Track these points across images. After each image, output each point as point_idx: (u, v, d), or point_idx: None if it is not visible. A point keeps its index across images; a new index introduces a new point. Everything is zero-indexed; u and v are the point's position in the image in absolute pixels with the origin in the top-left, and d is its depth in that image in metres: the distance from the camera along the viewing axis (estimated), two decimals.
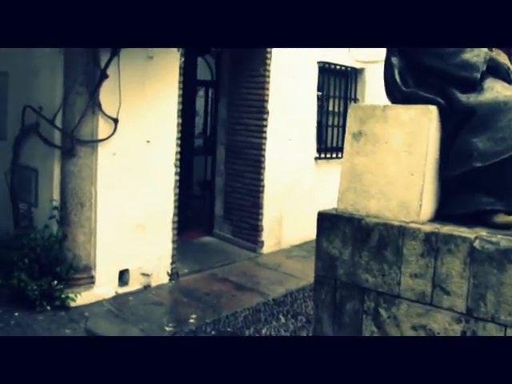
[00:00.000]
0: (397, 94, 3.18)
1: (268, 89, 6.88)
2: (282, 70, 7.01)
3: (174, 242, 5.92)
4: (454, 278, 2.74)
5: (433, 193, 3.02)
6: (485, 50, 3.03)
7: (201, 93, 8.55)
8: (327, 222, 3.23)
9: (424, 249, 2.84)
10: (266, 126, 6.93)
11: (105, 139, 5.16)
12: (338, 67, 8.14)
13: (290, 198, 7.39)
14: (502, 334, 2.61)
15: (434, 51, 3.01)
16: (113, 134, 5.19)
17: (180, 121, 5.79)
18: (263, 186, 7.02)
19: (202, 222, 7.68)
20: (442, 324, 2.79)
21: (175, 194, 5.86)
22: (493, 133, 2.82)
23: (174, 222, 5.89)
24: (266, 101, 6.91)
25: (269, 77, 6.86)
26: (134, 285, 5.61)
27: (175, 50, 5.43)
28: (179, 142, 5.82)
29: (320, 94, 7.95)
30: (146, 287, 5.71)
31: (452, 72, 2.97)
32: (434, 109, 2.97)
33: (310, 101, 7.68)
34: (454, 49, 2.99)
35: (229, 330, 4.91)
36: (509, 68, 3.10)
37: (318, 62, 7.72)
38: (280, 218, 7.36)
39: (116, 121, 5.19)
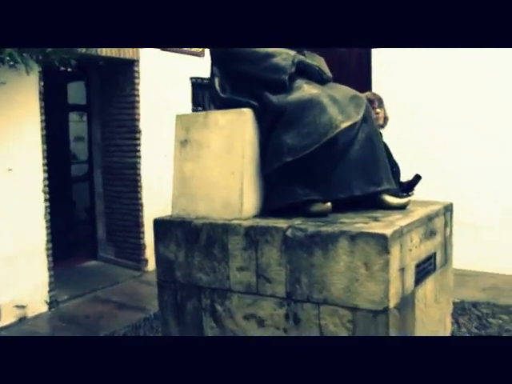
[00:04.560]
0: (217, 101, 3.36)
1: (138, 108, 6.96)
2: (153, 87, 7.10)
3: (50, 269, 5.85)
4: (273, 267, 2.93)
5: (255, 190, 3.20)
6: (293, 52, 3.26)
7: (77, 117, 8.54)
8: (162, 227, 3.36)
9: (245, 243, 3.01)
10: (139, 145, 7.01)
11: None
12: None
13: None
14: (316, 312, 2.81)
15: (245, 57, 3.21)
16: None
17: (45, 147, 5.76)
18: (142, 205, 7.08)
19: (87, 246, 7.64)
20: (268, 310, 2.97)
21: (47, 221, 5.80)
22: (300, 129, 3.05)
23: (48, 250, 5.82)
24: (138, 120, 6.99)
25: (138, 95, 6.94)
26: (8, 319, 5.48)
27: (32, 74, 5.40)
28: (46, 168, 5.78)
29: (195, 108, 8.10)
30: (22, 319, 5.60)
31: (263, 75, 3.18)
32: (248, 111, 3.16)
33: None
34: (264, 53, 3.21)
35: None
36: (320, 69, 3.34)
37: (191, 78, 7.87)
38: None
39: None
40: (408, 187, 4.38)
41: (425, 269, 3.16)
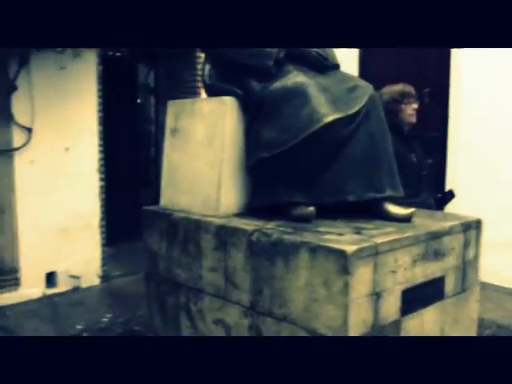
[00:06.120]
0: (205, 88, 3.16)
1: (199, 94, 6.83)
2: None
3: (103, 245, 5.94)
4: (239, 272, 2.70)
5: (237, 186, 2.95)
6: None
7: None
8: (148, 218, 3.22)
9: (216, 242, 2.80)
10: None
11: (19, 148, 5.22)
12: None
13: None
14: (277, 329, 2.54)
15: None
16: (27, 142, 5.26)
17: (101, 128, 5.80)
18: None
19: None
20: (234, 318, 2.75)
21: (102, 200, 5.87)
22: (279, 121, 2.73)
23: (101, 227, 5.91)
24: None
25: (198, 81, 6.82)
26: (63, 286, 5.64)
27: (91, 59, 5.46)
28: (102, 148, 5.83)
29: None
30: (76, 289, 5.74)
31: (247, 61, 2.90)
32: (230, 100, 2.92)
33: None
34: None
35: (136, 328, 4.92)
36: (319, 54, 3.00)
37: None
38: None
39: (30, 130, 5.25)
40: (438, 204, 3.80)
41: (423, 295, 2.70)
